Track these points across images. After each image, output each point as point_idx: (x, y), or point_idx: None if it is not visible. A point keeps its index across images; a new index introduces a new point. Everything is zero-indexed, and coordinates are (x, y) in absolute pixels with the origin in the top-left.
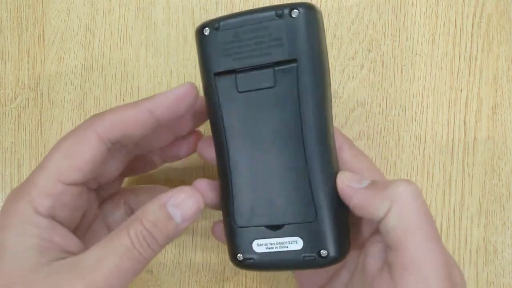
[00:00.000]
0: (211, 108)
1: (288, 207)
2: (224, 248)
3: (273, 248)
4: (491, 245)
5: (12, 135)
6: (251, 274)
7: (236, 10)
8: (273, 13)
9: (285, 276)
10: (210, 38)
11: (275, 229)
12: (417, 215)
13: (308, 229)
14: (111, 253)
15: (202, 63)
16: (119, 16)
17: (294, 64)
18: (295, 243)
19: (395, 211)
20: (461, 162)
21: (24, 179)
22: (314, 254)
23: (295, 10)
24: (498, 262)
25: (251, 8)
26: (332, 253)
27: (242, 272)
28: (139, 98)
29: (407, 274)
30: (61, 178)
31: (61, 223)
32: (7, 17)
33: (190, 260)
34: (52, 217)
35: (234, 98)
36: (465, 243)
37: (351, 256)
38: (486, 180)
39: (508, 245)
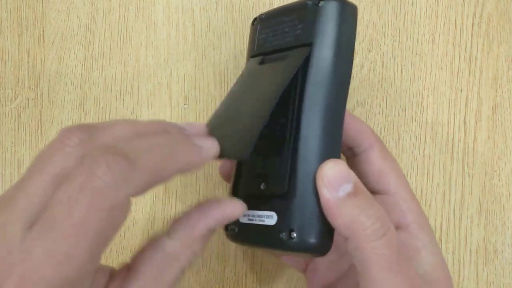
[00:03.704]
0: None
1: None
2: (224, 248)
3: (253, 220)
4: (491, 245)
5: (12, 135)
6: (251, 274)
7: (236, 10)
8: (303, 4)
9: (285, 277)
10: (255, 28)
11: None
12: (375, 254)
13: (285, 206)
14: None
15: (247, 49)
16: (119, 16)
17: (309, 48)
18: (270, 218)
19: (353, 244)
20: (461, 162)
21: None
22: (285, 233)
23: (322, 1)
24: (498, 262)
25: (250, 7)
26: (303, 236)
27: (242, 272)
28: (139, 98)
29: None
30: None
31: None
32: (7, 17)
33: None
34: None
35: (252, 70)
36: (465, 243)
37: None
38: (486, 180)
39: (508, 245)
